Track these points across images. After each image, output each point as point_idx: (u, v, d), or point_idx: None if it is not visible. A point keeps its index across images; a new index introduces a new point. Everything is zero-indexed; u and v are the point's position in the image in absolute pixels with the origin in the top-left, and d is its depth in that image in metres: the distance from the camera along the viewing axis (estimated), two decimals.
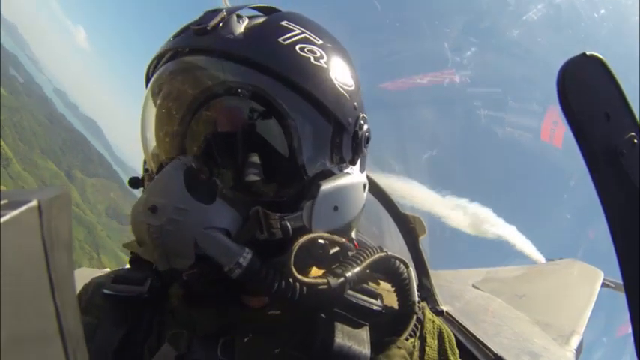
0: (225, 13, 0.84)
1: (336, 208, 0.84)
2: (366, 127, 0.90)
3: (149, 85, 0.91)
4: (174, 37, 0.87)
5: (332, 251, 0.86)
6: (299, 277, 0.76)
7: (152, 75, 0.90)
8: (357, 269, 0.82)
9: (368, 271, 0.86)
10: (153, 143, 0.91)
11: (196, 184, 0.79)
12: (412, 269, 0.93)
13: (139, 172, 0.99)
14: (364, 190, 0.92)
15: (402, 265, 0.90)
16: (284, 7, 0.94)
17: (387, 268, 0.90)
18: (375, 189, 1.99)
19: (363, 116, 0.90)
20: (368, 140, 0.92)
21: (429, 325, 0.91)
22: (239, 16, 0.86)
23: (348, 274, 0.81)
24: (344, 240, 0.86)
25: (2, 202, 0.31)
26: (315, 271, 0.88)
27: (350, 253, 0.87)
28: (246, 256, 0.75)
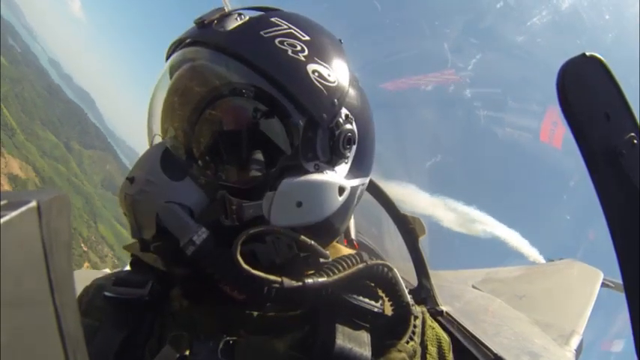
0: (225, 10, 0.87)
1: (299, 204, 0.83)
2: (347, 127, 0.87)
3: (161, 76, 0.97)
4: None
5: (302, 255, 0.86)
6: (245, 267, 0.76)
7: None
8: (328, 279, 0.81)
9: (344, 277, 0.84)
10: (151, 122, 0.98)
11: (171, 162, 0.83)
12: (396, 271, 0.91)
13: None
14: (340, 193, 0.87)
15: (385, 269, 0.88)
16: (285, 7, 0.94)
17: (372, 276, 0.88)
18: (374, 189, 1.99)
19: (347, 115, 0.87)
20: (350, 141, 0.88)
21: (429, 333, 0.91)
22: (239, 14, 0.88)
23: (309, 281, 0.79)
24: (311, 242, 0.84)
25: (2, 203, 0.31)
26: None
27: (322, 260, 0.86)
28: (200, 235, 0.77)
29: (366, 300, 0.85)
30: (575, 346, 2.30)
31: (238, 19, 0.87)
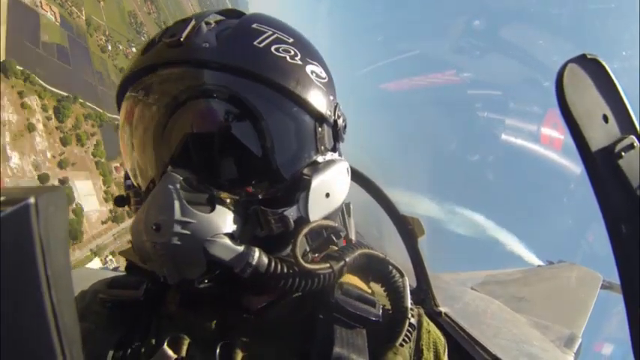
0: (195, 22, 0.84)
1: (327, 195, 0.88)
2: (341, 114, 0.94)
3: (124, 101, 0.89)
4: (144, 51, 0.86)
5: (325, 234, 0.90)
6: (306, 266, 0.79)
7: (126, 92, 0.89)
8: (356, 254, 0.87)
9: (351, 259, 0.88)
10: (136, 158, 0.89)
11: (194, 194, 0.80)
12: (407, 279, 0.94)
13: None
14: (348, 173, 0.95)
15: (397, 273, 0.92)
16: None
17: (381, 272, 0.92)
18: (374, 190, 1.99)
19: (338, 105, 0.94)
20: (345, 127, 0.96)
21: (425, 337, 0.91)
22: (207, 23, 0.86)
23: (348, 258, 0.85)
24: (336, 224, 0.90)
25: (0, 199, 0.32)
26: (312, 256, 0.91)
27: (342, 234, 0.92)
28: (254, 255, 0.78)
29: (363, 307, 0.86)
30: (573, 349, 2.30)
31: (210, 29, 0.85)
